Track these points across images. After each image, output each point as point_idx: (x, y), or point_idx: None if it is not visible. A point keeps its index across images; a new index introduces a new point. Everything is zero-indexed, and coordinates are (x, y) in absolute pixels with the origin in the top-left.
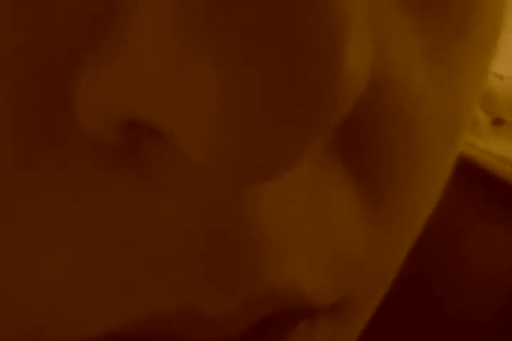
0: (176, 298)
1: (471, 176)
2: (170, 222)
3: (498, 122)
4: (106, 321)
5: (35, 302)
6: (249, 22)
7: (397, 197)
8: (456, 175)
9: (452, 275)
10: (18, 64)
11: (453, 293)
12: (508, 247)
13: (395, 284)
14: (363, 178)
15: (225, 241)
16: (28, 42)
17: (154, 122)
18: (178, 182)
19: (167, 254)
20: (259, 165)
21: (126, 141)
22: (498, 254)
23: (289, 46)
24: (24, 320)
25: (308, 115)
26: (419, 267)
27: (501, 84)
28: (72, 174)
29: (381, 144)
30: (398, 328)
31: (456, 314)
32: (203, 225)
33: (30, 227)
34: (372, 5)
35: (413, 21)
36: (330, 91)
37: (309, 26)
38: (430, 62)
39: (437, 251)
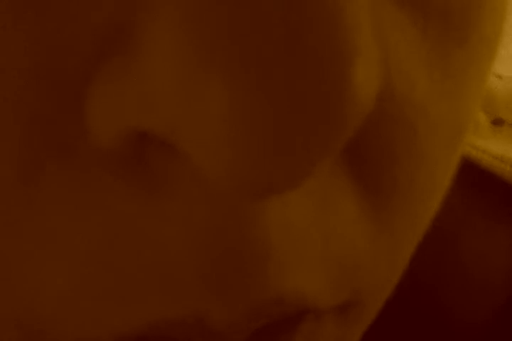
0: (183, 306)
1: (471, 176)
2: (178, 230)
3: (497, 122)
4: (110, 328)
5: (40, 308)
6: (261, 47)
7: (400, 203)
8: (456, 175)
9: (452, 275)
10: (29, 72)
11: (453, 293)
12: (509, 247)
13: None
14: (367, 185)
15: (232, 250)
16: (39, 51)
17: (165, 137)
18: (187, 191)
19: (174, 262)
20: (270, 183)
21: (136, 151)
22: (499, 254)
23: (299, 68)
24: (27, 325)
25: (318, 137)
26: (418, 267)
27: (501, 84)
28: (81, 182)
29: (384, 152)
30: (398, 328)
31: (457, 314)
32: (210, 234)
33: (38, 234)
34: (376, 16)
35: (415, 30)
36: (340, 112)
37: (319, 49)
38: (431, 70)
39: (437, 251)
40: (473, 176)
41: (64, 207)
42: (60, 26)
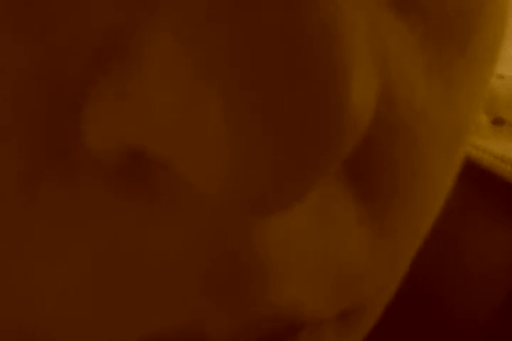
0: (183, 316)
1: (471, 176)
2: (177, 241)
3: (498, 122)
4: (109, 336)
5: (40, 313)
6: (259, 66)
7: (400, 209)
8: (456, 175)
9: (452, 274)
10: (29, 76)
11: (453, 292)
12: (509, 246)
13: None
14: (366, 191)
15: (231, 262)
16: (39, 55)
17: (163, 158)
18: (186, 202)
19: (174, 273)
20: (266, 204)
21: (135, 161)
22: (499, 253)
23: (296, 90)
24: (27, 329)
25: (315, 158)
26: (419, 266)
27: (502, 83)
28: (80, 191)
29: (384, 158)
30: (399, 328)
31: (457, 313)
32: (210, 245)
33: (39, 241)
34: (375, 25)
35: (415, 37)
36: (336, 134)
37: (315, 71)
38: (432, 77)
39: (437, 251)
40: (474, 176)
41: (63, 215)
42: (61, 31)
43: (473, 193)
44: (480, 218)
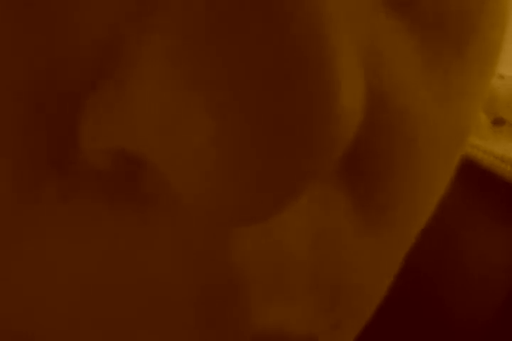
0: (175, 336)
1: (471, 176)
2: (165, 254)
3: (498, 122)
4: None
5: (37, 323)
6: (246, 77)
7: (399, 212)
8: (456, 175)
9: (452, 274)
10: (27, 84)
11: (453, 292)
12: (509, 246)
13: (394, 282)
14: (362, 195)
15: (213, 285)
16: (38, 64)
17: (152, 162)
18: (174, 214)
19: (164, 288)
20: (257, 208)
21: (128, 171)
22: (499, 253)
23: (284, 100)
24: (20, 334)
25: (305, 163)
26: (418, 265)
27: (502, 83)
28: (76, 202)
29: (383, 162)
30: (399, 327)
31: (457, 313)
32: (196, 260)
33: (36, 252)
34: (370, 28)
35: (413, 39)
36: (325, 138)
37: (303, 81)
38: (431, 78)
39: (437, 250)
40: (474, 176)
41: (61, 220)
42: (59, 34)
43: (473, 193)
44: (480, 218)
